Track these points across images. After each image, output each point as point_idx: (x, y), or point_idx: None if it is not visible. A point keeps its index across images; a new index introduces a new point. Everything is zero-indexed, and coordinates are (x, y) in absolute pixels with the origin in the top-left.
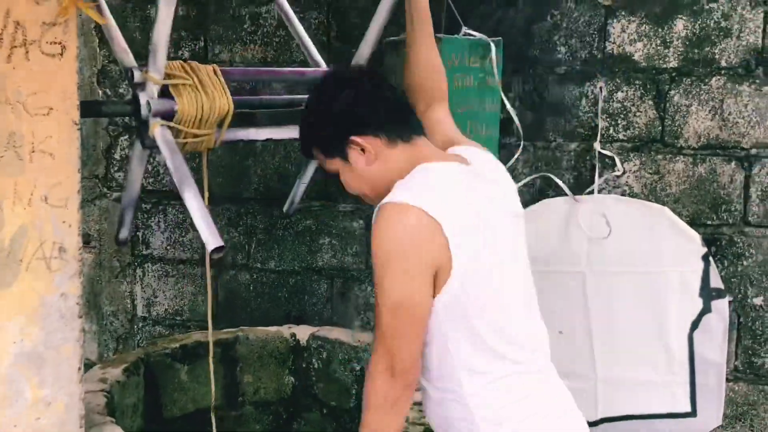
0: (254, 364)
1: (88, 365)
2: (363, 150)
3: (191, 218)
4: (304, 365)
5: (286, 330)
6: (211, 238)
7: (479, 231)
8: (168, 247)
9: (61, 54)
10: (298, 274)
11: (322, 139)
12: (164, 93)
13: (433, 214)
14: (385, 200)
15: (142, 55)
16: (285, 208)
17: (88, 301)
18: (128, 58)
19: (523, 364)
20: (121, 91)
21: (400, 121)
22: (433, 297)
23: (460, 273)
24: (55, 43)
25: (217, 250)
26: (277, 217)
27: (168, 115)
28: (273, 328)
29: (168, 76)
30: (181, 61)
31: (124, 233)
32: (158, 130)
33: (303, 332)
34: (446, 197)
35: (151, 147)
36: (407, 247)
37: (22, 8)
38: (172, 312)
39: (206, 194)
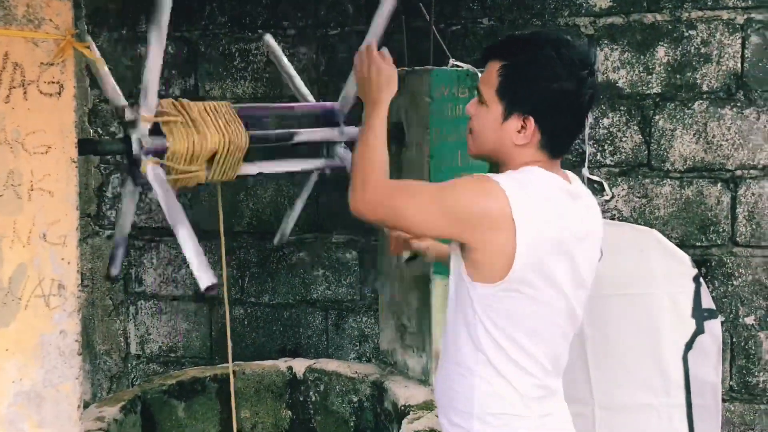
0: (251, 398)
1: (83, 405)
2: (523, 129)
3: (185, 255)
4: (301, 398)
5: (282, 363)
6: (204, 275)
7: (560, 253)
8: (161, 284)
9: (59, 93)
10: (292, 307)
11: (514, 89)
12: (156, 131)
13: (515, 216)
14: (492, 175)
15: (133, 93)
16: (275, 241)
17: (81, 339)
18: (118, 98)
19: (547, 383)
20: (112, 129)
21: (565, 143)
22: (482, 282)
23: (516, 280)
24: (53, 82)
25: (210, 288)
26: (270, 251)
27: (159, 153)
28: (269, 362)
29: (159, 114)
30: (172, 99)
31: (114, 270)
32: (150, 168)
33: (299, 365)
34: (542, 208)
35: (143, 184)
36: (462, 210)
37: (20, 49)
38: (166, 349)
39: (221, 226)
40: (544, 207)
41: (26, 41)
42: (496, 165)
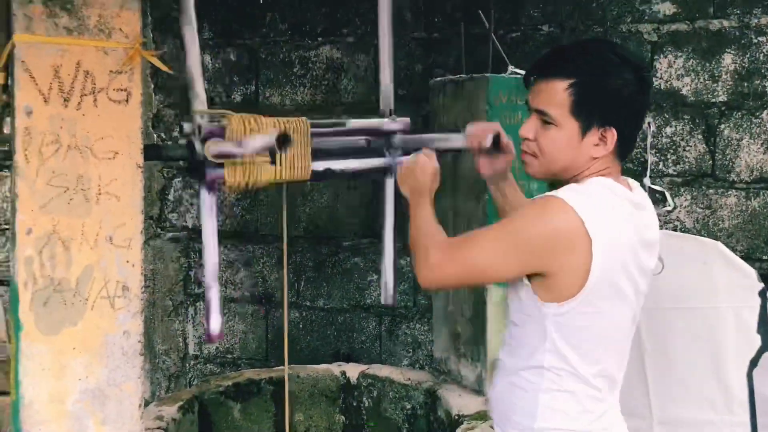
0: (305, 402)
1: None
2: (602, 141)
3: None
4: (354, 403)
5: (335, 368)
6: (214, 323)
7: (629, 262)
8: (219, 286)
9: (127, 100)
10: (346, 312)
11: (590, 105)
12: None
13: (589, 229)
14: (554, 193)
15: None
16: (383, 300)
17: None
18: (203, 101)
19: (608, 397)
20: (174, 134)
21: (635, 140)
22: (550, 302)
23: (589, 295)
24: (121, 90)
25: (211, 337)
26: (325, 255)
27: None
28: (323, 366)
29: (217, 117)
30: (242, 116)
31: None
32: (204, 191)
33: (353, 370)
34: (611, 218)
35: (211, 185)
36: (534, 240)
37: (91, 58)
38: (223, 350)
39: (285, 229)
40: (612, 218)
41: (97, 50)
42: (557, 182)
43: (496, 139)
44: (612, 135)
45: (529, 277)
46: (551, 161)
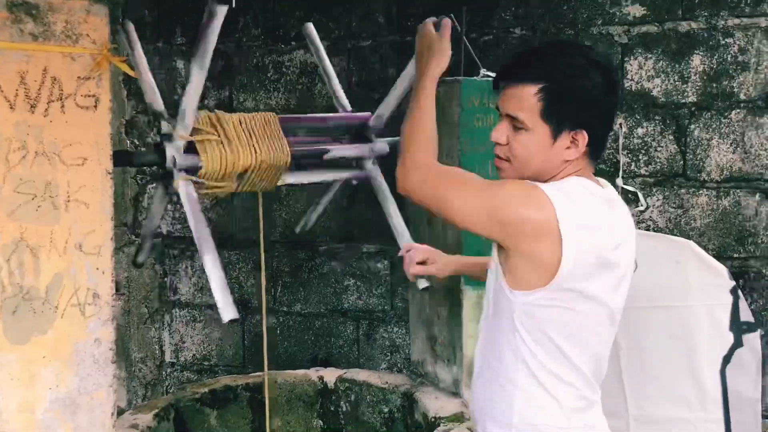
0: (283, 407)
1: (118, 412)
2: (573, 144)
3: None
4: (332, 408)
5: (313, 373)
6: (226, 308)
7: (599, 262)
8: (195, 293)
9: (95, 106)
10: (324, 317)
11: (560, 109)
12: (190, 145)
13: (561, 226)
14: (538, 184)
15: (168, 104)
16: (297, 229)
17: (117, 347)
18: (158, 102)
19: (588, 394)
20: (148, 140)
21: (606, 141)
22: (520, 289)
23: (556, 288)
24: (89, 96)
25: (232, 321)
26: (302, 260)
27: (192, 170)
28: (300, 371)
29: (195, 130)
30: (208, 113)
31: (142, 257)
32: (182, 186)
33: (330, 375)
34: (585, 217)
35: (174, 194)
36: (509, 215)
37: (58, 64)
38: (200, 357)
39: (261, 235)
40: (588, 217)
41: (64, 56)
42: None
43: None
44: (583, 137)
45: (500, 258)
46: (524, 165)
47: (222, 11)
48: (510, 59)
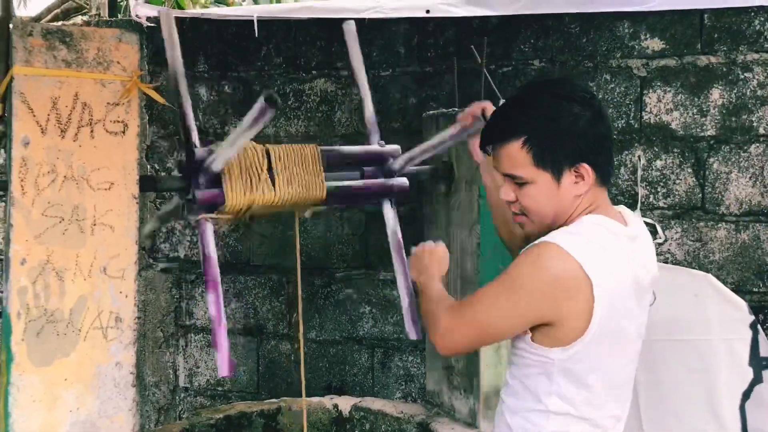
0: None
1: None
2: (580, 178)
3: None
4: None
5: (327, 401)
6: (223, 365)
7: (629, 299)
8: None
9: (123, 132)
10: (338, 344)
11: (551, 151)
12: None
13: (588, 271)
14: (548, 239)
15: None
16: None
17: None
18: (194, 134)
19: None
20: (168, 165)
21: (612, 162)
22: (553, 347)
23: (592, 338)
24: (118, 121)
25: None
26: (318, 287)
27: (213, 206)
28: (315, 399)
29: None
30: (249, 144)
31: (148, 240)
32: (202, 224)
33: (345, 403)
34: (609, 257)
35: (193, 218)
36: (535, 293)
37: (89, 90)
38: (214, 383)
39: (298, 262)
40: (610, 257)
41: (95, 82)
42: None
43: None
44: (586, 169)
45: (532, 327)
46: (541, 215)
47: (271, 113)
48: (488, 123)
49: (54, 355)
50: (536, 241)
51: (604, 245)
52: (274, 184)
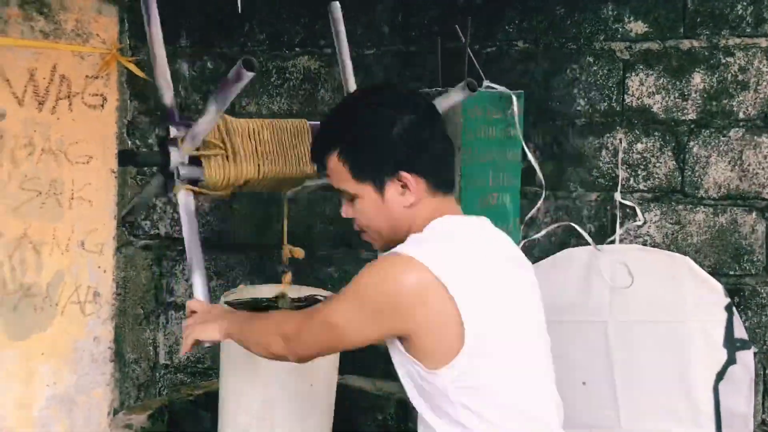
0: None
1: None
2: (405, 188)
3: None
4: None
5: None
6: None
7: (495, 285)
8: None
9: (102, 105)
10: None
11: (365, 161)
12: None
13: (437, 273)
14: (395, 249)
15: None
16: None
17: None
18: (169, 94)
19: None
20: (150, 141)
21: (448, 169)
22: (439, 367)
23: (472, 346)
24: (97, 95)
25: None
26: (299, 265)
27: (194, 181)
28: None
29: (203, 143)
30: (222, 118)
31: (128, 216)
32: (182, 196)
33: None
34: (463, 252)
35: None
36: (382, 303)
37: (68, 63)
38: (194, 360)
39: (285, 240)
40: (465, 255)
41: (73, 55)
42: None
43: None
44: (408, 177)
45: (403, 346)
46: (376, 230)
47: (248, 77)
48: (314, 136)
49: (31, 329)
50: (385, 253)
51: (457, 242)
52: (259, 161)
